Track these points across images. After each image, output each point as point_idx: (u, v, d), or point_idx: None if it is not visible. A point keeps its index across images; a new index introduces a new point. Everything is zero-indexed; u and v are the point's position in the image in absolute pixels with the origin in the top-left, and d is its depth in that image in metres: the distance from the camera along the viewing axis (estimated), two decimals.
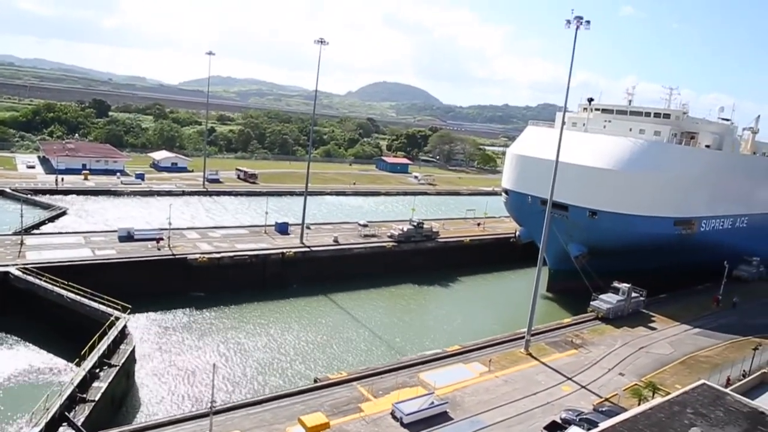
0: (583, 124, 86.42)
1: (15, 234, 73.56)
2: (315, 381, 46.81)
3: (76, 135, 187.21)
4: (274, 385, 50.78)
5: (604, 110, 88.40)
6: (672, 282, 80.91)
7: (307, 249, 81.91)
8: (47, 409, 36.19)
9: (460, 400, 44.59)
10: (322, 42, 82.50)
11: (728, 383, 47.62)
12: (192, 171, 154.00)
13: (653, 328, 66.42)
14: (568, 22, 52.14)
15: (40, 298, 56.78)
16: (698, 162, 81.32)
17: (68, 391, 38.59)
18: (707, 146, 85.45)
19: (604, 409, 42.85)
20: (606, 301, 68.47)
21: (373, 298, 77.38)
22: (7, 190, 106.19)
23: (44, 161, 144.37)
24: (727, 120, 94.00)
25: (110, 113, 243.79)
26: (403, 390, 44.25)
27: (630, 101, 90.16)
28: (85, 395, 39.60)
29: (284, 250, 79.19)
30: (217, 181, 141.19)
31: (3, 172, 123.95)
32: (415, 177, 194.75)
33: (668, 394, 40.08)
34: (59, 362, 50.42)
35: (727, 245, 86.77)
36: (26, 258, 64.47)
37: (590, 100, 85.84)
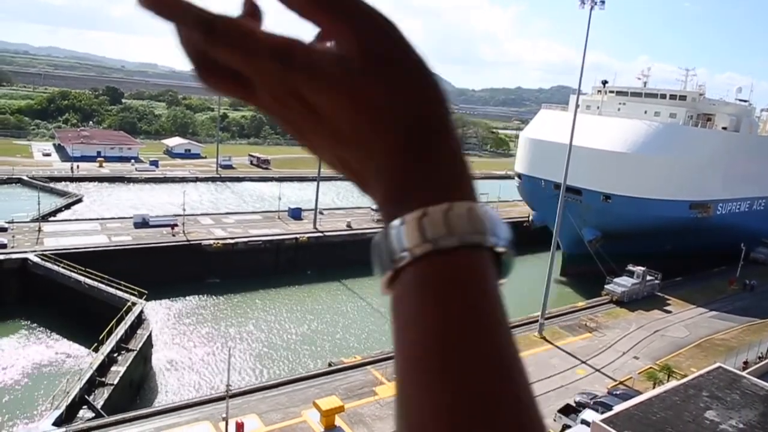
0: (597, 107, 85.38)
1: (33, 221, 74.38)
2: (329, 365, 47.21)
3: (91, 122, 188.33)
4: (289, 369, 51.29)
5: (618, 92, 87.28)
6: (688, 265, 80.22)
7: (321, 234, 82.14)
8: (68, 393, 36.96)
9: None
10: None
11: (745, 366, 47.37)
12: (205, 157, 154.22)
13: (668, 311, 66.03)
14: (582, 1, 51.44)
15: (58, 285, 57.47)
16: (715, 144, 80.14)
17: (87, 375, 39.29)
18: (724, 128, 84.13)
19: (618, 393, 42.86)
20: (620, 284, 68.11)
21: None
22: (24, 177, 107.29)
23: (60, 149, 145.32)
24: (745, 101, 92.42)
25: (123, 100, 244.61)
26: None
27: (645, 83, 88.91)
28: (104, 379, 40.32)
29: (298, 236, 79.45)
30: (230, 167, 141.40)
31: (20, 160, 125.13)
32: None
33: (684, 377, 39.96)
34: (77, 347, 51.26)
35: (744, 228, 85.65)
36: (44, 245, 65.28)
37: (604, 82, 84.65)
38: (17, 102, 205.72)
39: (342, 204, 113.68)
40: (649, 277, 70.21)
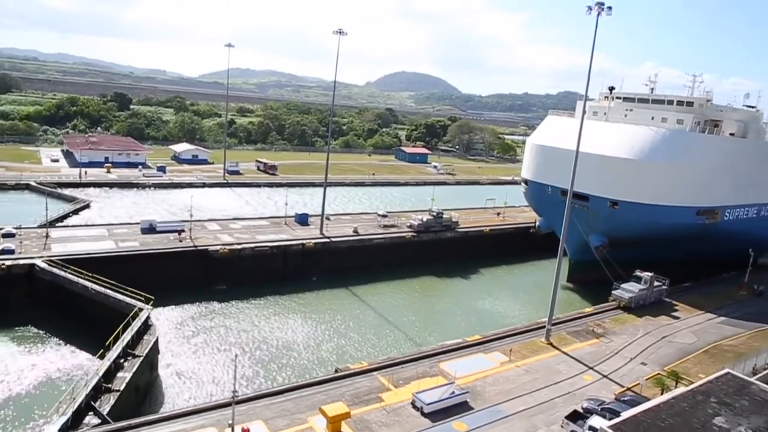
0: (604, 113, 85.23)
1: (40, 227, 74.89)
2: (336, 371, 47.12)
3: (99, 128, 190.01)
4: (295, 376, 51.26)
5: (625, 99, 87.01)
6: (696, 271, 79.79)
7: (327, 240, 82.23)
8: (74, 399, 37.01)
9: (481, 389, 44.61)
10: (341, 32, 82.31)
11: (754, 372, 46.97)
12: (212, 163, 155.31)
13: (676, 317, 65.67)
14: (590, 8, 51.46)
15: (65, 290, 57.82)
16: (722, 150, 79.77)
17: (94, 381, 39.32)
18: (731, 134, 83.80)
19: (626, 399, 42.55)
20: (628, 290, 67.82)
21: (393, 289, 77.50)
22: (33, 183, 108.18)
23: (68, 155, 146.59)
24: (753, 107, 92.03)
25: (132, 106, 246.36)
26: (423, 380, 44.39)
27: (652, 89, 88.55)
28: (110, 385, 40.33)
29: (304, 241, 79.56)
30: (237, 172, 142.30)
31: (28, 166, 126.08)
32: (435, 167, 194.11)
33: (692, 383, 39.66)
34: (84, 353, 51.39)
35: (752, 234, 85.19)
36: (51, 250, 65.66)
37: (611, 88, 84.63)
38: (26, 108, 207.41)
39: (349, 209, 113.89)
40: (656, 283, 69.88)
